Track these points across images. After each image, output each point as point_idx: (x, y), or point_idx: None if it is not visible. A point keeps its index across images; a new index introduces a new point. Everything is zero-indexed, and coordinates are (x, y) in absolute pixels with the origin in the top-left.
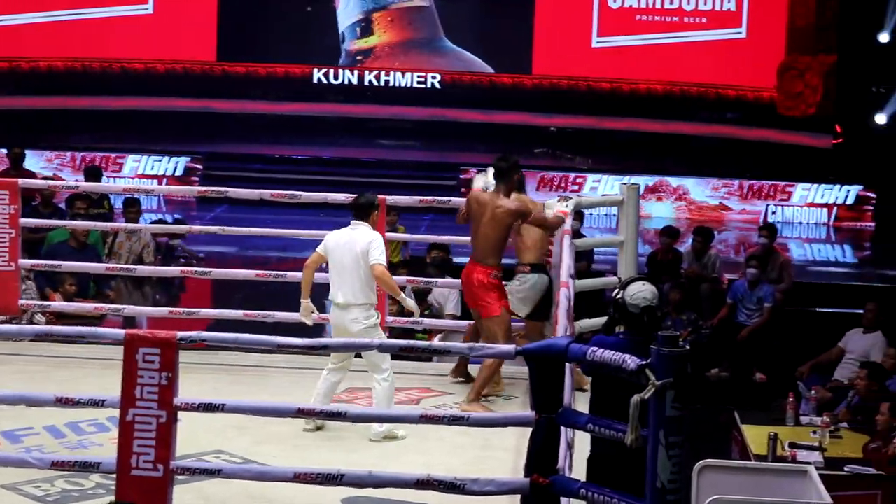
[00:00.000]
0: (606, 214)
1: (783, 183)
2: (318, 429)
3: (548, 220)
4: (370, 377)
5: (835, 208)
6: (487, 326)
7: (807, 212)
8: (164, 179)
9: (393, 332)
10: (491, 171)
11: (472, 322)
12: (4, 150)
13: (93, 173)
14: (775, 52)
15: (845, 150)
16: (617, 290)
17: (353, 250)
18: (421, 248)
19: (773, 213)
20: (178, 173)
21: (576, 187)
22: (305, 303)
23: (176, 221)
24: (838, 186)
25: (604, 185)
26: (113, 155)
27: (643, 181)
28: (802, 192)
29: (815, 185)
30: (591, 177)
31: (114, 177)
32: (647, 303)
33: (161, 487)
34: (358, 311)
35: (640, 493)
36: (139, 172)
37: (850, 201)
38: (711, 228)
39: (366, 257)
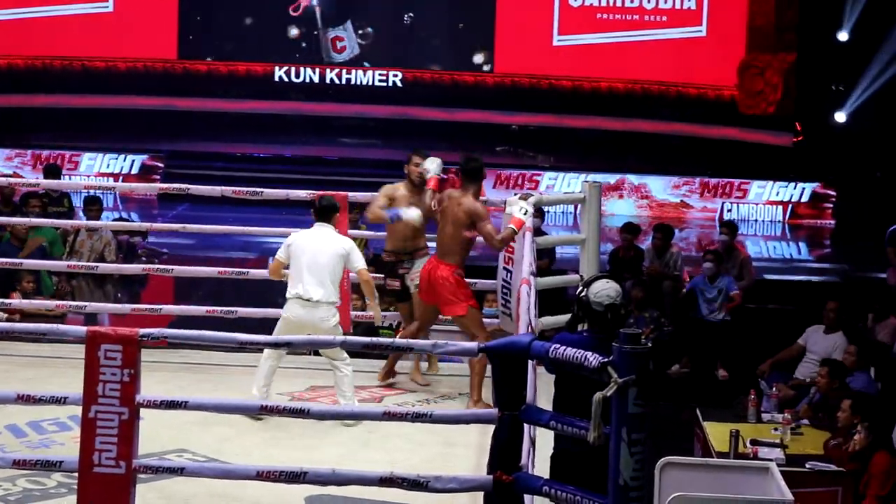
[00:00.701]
0: (563, 212)
1: (739, 180)
2: (258, 419)
3: (493, 239)
4: (332, 375)
5: (790, 206)
6: (462, 325)
7: (763, 209)
8: (121, 178)
9: (358, 328)
10: (438, 161)
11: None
12: None
13: (52, 171)
14: (736, 50)
15: (806, 148)
16: (580, 289)
17: (330, 251)
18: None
19: (729, 210)
20: (133, 171)
21: (532, 185)
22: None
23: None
24: (793, 184)
25: (560, 183)
26: (68, 153)
27: (604, 179)
28: (758, 189)
29: (772, 183)
30: (547, 174)
31: (69, 174)
32: (611, 301)
33: (123, 485)
34: (326, 308)
35: (604, 491)
36: (96, 171)
37: (804, 199)
38: (671, 226)
39: (346, 260)
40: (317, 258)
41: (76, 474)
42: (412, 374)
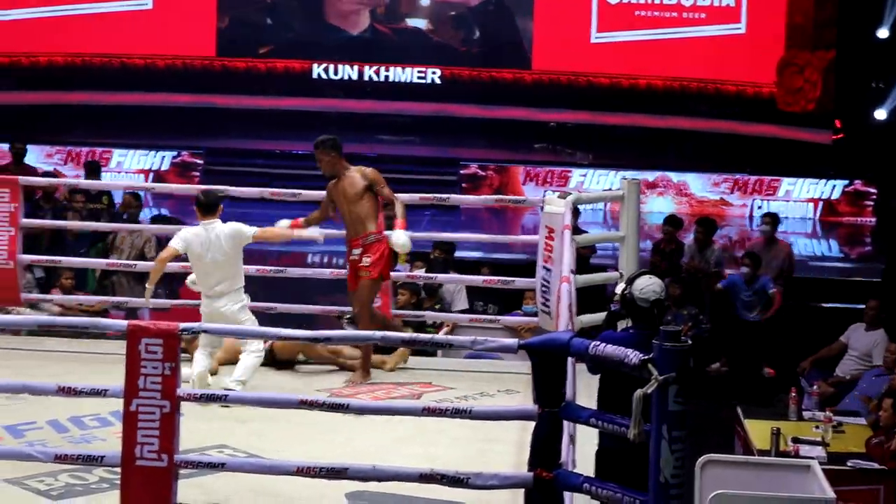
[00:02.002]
0: (594, 209)
1: (770, 178)
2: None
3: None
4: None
5: (821, 204)
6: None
7: (795, 206)
8: (151, 174)
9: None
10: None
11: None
12: (6, 146)
13: (92, 169)
14: (775, 47)
15: (845, 146)
16: (624, 286)
17: (225, 246)
18: (424, 243)
19: (760, 207)
20: (164, 168)
21: (562, 182)
22: (150, 288)
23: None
24: (825, 181)
25: (589, 180)
26: (99, 150)
27: (643, 176)
28: (789, 186)
29: (803, 180)
30: (577, 171)
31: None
32: (657, 296)
33: (166, 478)
34: (227, 297)
35: (647, 488)
36: (127, 168)
37: (835, 196)
38: (714, 220)
39: (240, 241)
40: (216, 258)
41: (118, 470)
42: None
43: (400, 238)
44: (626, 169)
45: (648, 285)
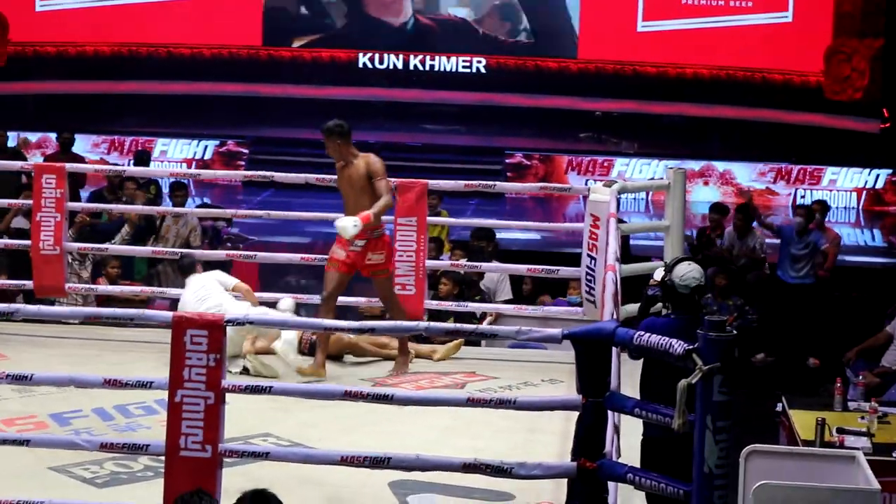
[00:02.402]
0: (635, 198)
1: (812, 167)
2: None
3: None
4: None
5: (865, 192)
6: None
7: (838, 196)
8: (194, 163)
9: (432, 315)
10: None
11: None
12: (54, 135)
13: (141, 158)
14: (822, 36)
15: (893, 134)
16: (664, 273)
17: (210, 288)
18: (467, 232)
19: (802, 196)
20: (207, 157)
21: (604, 171)
22: None
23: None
24: (868, 170)
25: (632, 169)
26: (142, 139)
27: (689, 165)
28: (832, 176)
29: (846, 169)
30: (619, 160)
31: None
32: (697, 282)
33: (210, 468)
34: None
35: (691, 477)
36: (169, 156)
37: (879, 185)
38: (755, 206)
39: (223, 284)
40: (208, 303)
41: (162, 458)
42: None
43: (343, 222)
44: (671, 158)
45: (688, 272)
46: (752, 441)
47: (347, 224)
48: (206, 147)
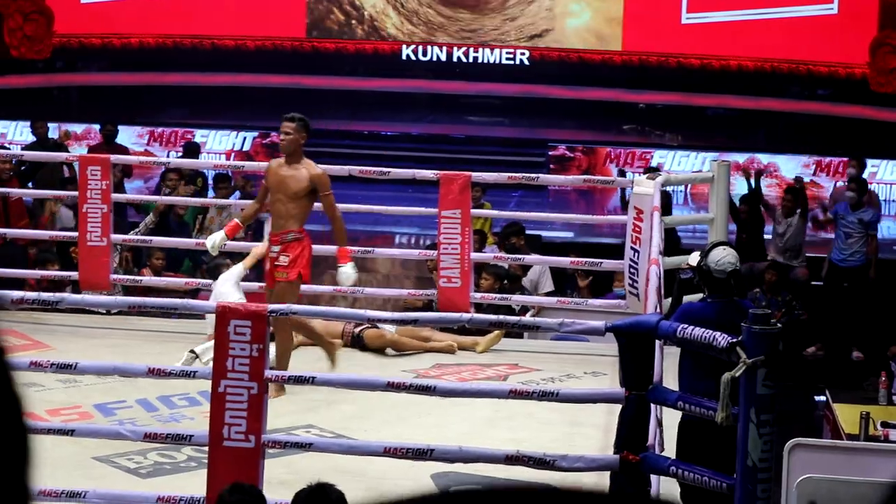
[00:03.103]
0: (673, 190)
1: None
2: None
3: None
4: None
5: None
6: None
7: (879, 188)
8: (233, 154)
9: (480, 307)
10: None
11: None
12: (97, 127)
13: (190, 150)
14: (867, 27)
15: None
16: (698, 258)
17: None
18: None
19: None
20: (245, 148)
21: (642, 163)
22: None
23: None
24: None
25: (670, 161)
26: (181, 130)
27: (732, 158)
28: (872, 168)
29: (887, 162)
30: (657, 153)
31: (180, 151)
32: (733, 267)
33: (253, 458)
34: None
35: (732, 459)
36: (207, 149)
37: None
38: (804, 188)
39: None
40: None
41: (206, 449)
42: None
43: (347, 274)
44: (715, 150)
45: (724, 257)
46: (796, 434)
47: (352, 274)
48: (244, 139)
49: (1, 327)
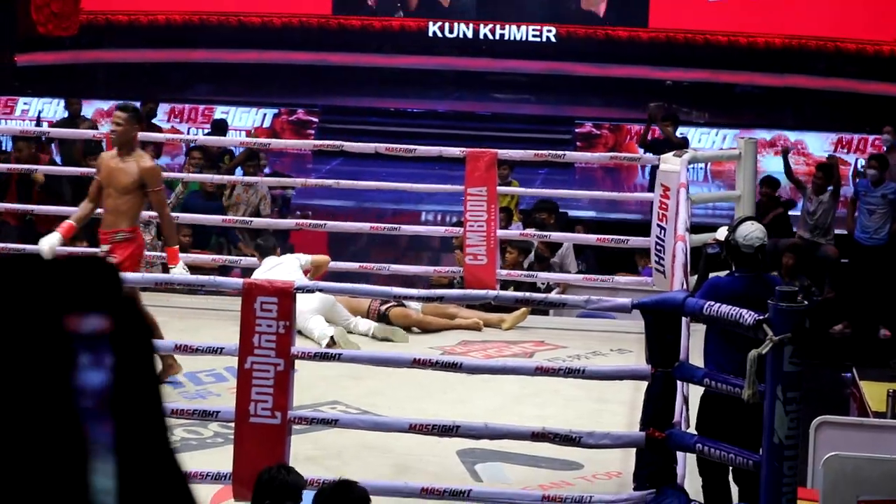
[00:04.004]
0: (693, 167)
1: (874, 136)
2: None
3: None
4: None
5: None
6: None
7: None
8: (252, 131)
9: (506, 285)
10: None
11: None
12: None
13: (218, 127)
14: None
15: None
16: (726, 233)
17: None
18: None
19: (863, 166)
20: (265, 125)
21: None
22: None
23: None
24: None
25: (690, 138)
26: (201, 107)
27: (760, 135)
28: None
29: None
30: (677, 131)
31: (201, 128)
32: (760, 242)
33: (279, 435)
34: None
35: (753, 433)
36: (228, 125)
37: None
38: (834, 165)
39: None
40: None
41: (232, 425)
42: None
43: (179, 274)
44: (742, 128)
45: (752, 232)
46: (823, 412)
47: (45, 245)
48: (265, 115)
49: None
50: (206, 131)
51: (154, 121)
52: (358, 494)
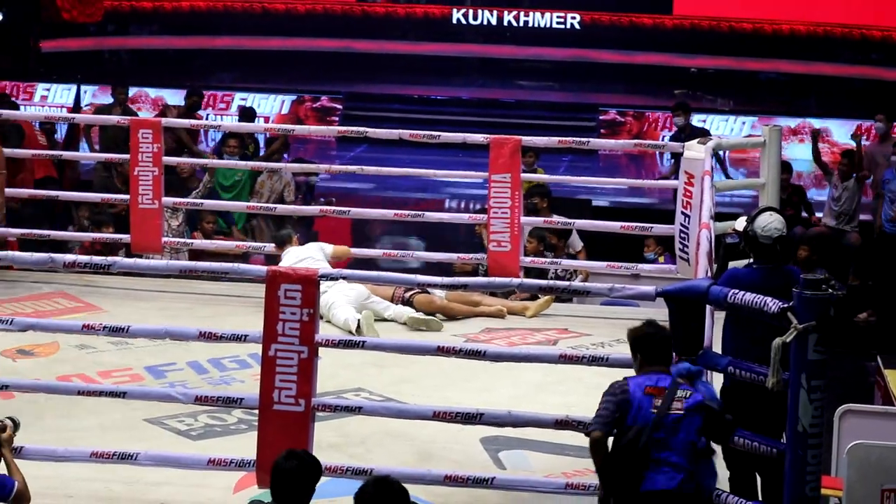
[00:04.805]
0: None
1: None
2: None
3: None
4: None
5: None
6: None
7: None
8: (271, 118)
9: (530, 272)
10: None
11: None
12: (149, 91)
13: (246, 114)
14: None
15: None
16: (745, 223)
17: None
18: (561, 189)
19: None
20: (284, 111)
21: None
22: None
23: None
24: None
25: (708, 125)
26: (220, 93)
27: (784, 123)
28: None
29: None
30: (696, 117)
31: (221, 115)
32: (779, 233)
33: (303, 422)
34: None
35: (775, 425)
36: None
37: None
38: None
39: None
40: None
41: (256, 411)
42: None
43: None
44: (767, 115)
45: (770, 223)
46: (847, 400)
47: None
48: (283, 102)
49: None
50: (231, 118)
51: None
52: (397, 489)
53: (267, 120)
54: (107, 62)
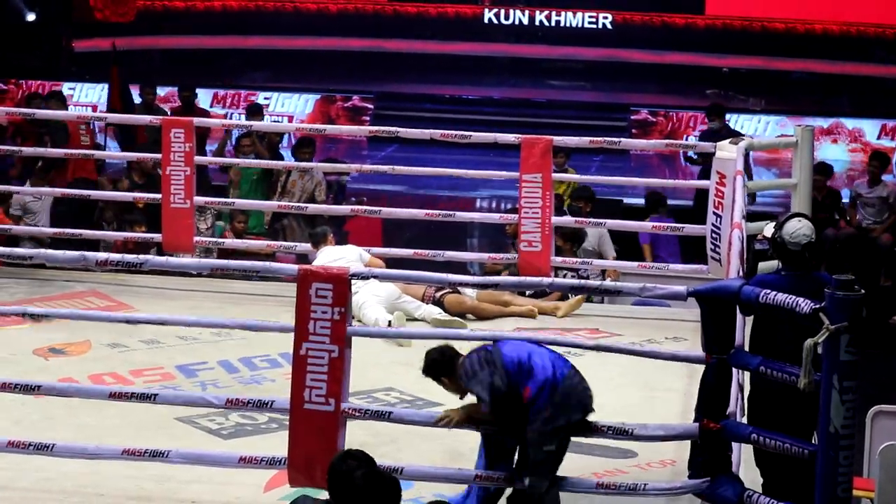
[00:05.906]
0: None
1: None
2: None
3: None
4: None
5: None
6: None
7: None
8: (295, 118)
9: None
10: None
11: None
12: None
13: (253, 111)
14: None
15: None
16: (773, 230)
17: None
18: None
19: None
20: (308, 110)
21: (704, 127)
22: None
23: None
24: None
25: (734, 124)
26: (244, 93)
27: (817, 123)
28: None
29: None
30: (741, 117)
31: (245, 114)
32: (808, 239)
33: (333, 421)
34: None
35: (805, 427)
36: (271, 111)
37: None
38: (888, 154)
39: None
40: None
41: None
42: None
43: None
44: (799, 115)
45: (798, 229)
46: (880, 402)
47: None
48: (307, 101)
49: None
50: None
51: (207, 107)
52: (388, 479)
53: (292, 119)
54: (139, 62)
